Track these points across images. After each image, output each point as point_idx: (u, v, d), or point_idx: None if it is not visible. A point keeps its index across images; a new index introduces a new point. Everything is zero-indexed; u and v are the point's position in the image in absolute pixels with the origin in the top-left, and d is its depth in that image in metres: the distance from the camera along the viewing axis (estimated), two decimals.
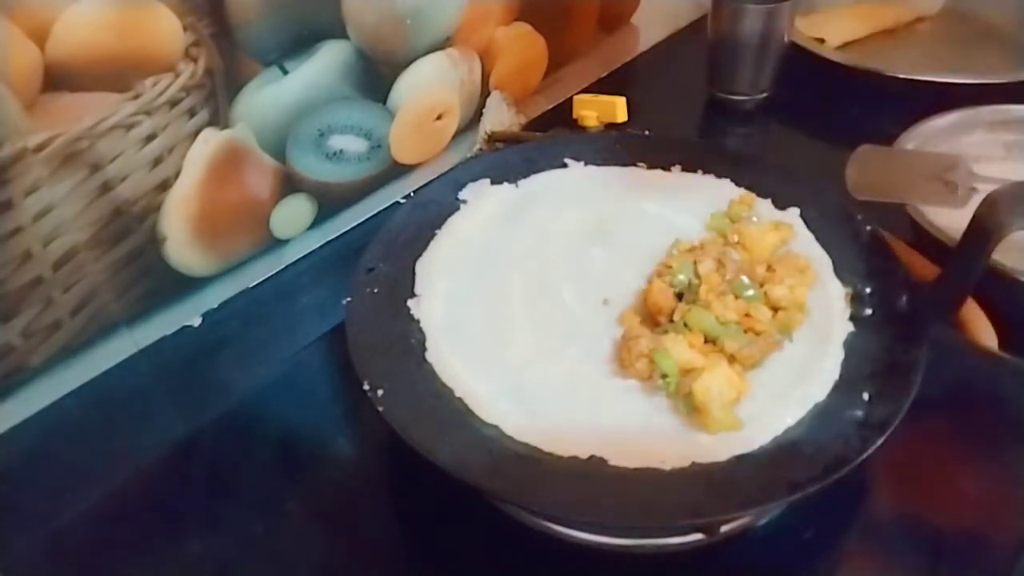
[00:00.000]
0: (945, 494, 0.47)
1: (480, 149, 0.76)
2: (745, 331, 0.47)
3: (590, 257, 0.53)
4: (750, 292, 0.48)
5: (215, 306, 0.63)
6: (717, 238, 0.52)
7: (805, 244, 0.53)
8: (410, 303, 0.50)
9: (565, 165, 0.60)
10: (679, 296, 0.48)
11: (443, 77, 0.70)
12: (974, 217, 0.50)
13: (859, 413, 0.43)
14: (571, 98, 0.80)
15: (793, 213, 0.55)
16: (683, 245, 0.51)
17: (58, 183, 0.51)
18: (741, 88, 0.80)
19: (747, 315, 0.47)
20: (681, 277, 0.48)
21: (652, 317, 0.48)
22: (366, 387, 0.44)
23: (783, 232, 0.52)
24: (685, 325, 0.46)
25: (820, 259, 0.52)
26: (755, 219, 0.54)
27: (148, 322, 0.60)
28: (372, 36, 0.63)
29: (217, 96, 0.57)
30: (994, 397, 0.51)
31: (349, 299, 0.50)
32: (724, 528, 0.44)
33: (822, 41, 0.87)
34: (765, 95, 0.81)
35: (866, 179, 0.62)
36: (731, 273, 0.49)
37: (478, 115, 0.76)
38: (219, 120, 0.57)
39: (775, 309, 0.48)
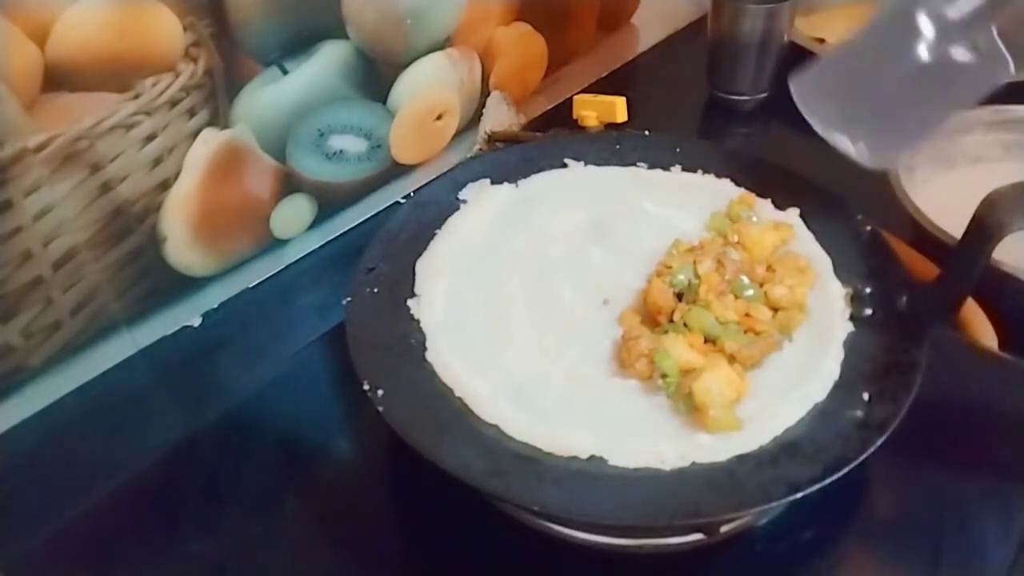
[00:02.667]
0: (945, 494, 0.47)
1: (480, 149, 0.76)
2: (745, 331, 0.47)
3: (590, 257, 0.53)
4: (750, 292, 0.48)
5: (215, 306, 0.63)
6: (717, 238, 0.52)
7: (805, 244, 0.53)
8: (410, 303, 0.50)
9: (565, 165, 0.60)
10: (679, 296, 0.48)
11: (443, 77, 0.70)
12: (974, 217, 0.50)
13: (859, 413, 0.43)
14: (571, 98, 0.80)
15: (793, 213, 0.55)
16: (683, 245, 0.51)
17: (58, 183, 0.51)
18: (741, 88, 0.80)
19: (747, 315, 0.47)
20: (681, 277, 0.48)
21: (652, 317, 0.48)
22: (366, 387, 0.44)
23: (783, 232, 0.52)
24: (685, 325, 0.46)
25: (820, 259, 0.52)
26: (755, 219, 0.54)
27: (148, 322, 0.60)
28: (372, 36, 0.63)
29: (217, 96, 0.57)
30: (994, 397, 0.51)
31: (349, 299, 0.50)
32: (724, 528, 0.44)
33: (822, 41, 0.87)
34: (765, 95, 0.81)
35: None
36: (731, 273, 0.49)
37: (478, 115, 0.75)
38: (219, 120, 0.57)
39: (775, 309, 0.48)
